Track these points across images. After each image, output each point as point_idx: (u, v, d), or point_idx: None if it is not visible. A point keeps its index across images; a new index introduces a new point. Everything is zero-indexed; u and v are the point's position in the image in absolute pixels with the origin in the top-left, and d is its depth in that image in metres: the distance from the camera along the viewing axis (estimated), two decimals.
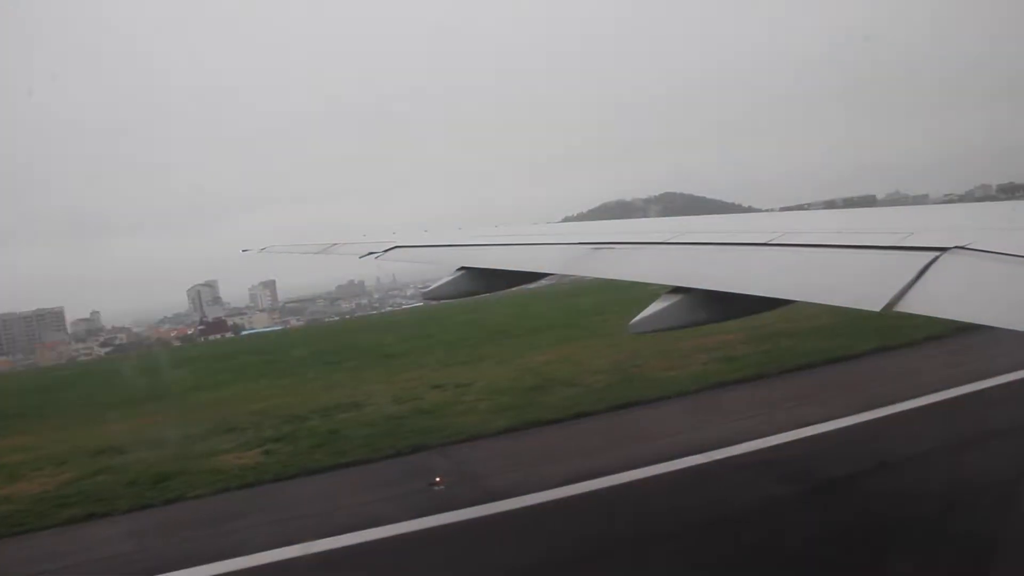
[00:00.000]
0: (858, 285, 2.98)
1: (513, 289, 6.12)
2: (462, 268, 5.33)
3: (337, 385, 15.55)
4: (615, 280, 4.40)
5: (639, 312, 3.68)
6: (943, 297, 2.55)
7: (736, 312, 3.72)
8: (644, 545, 5.81)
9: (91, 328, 74.75)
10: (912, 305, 2.50)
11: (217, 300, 78.95)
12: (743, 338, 13.94)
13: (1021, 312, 2.32)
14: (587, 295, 30.19)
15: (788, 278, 3.34)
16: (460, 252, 5.78)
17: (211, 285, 79.28)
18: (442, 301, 10.96)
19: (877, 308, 2.58)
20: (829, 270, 3.22)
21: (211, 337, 54.47)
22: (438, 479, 7.63)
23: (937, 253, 2.71)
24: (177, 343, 54.57)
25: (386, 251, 6.34)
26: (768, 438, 7.56)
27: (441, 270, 5.62)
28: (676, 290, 3.59)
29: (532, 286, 7.21)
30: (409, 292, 79.87)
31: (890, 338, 12.04)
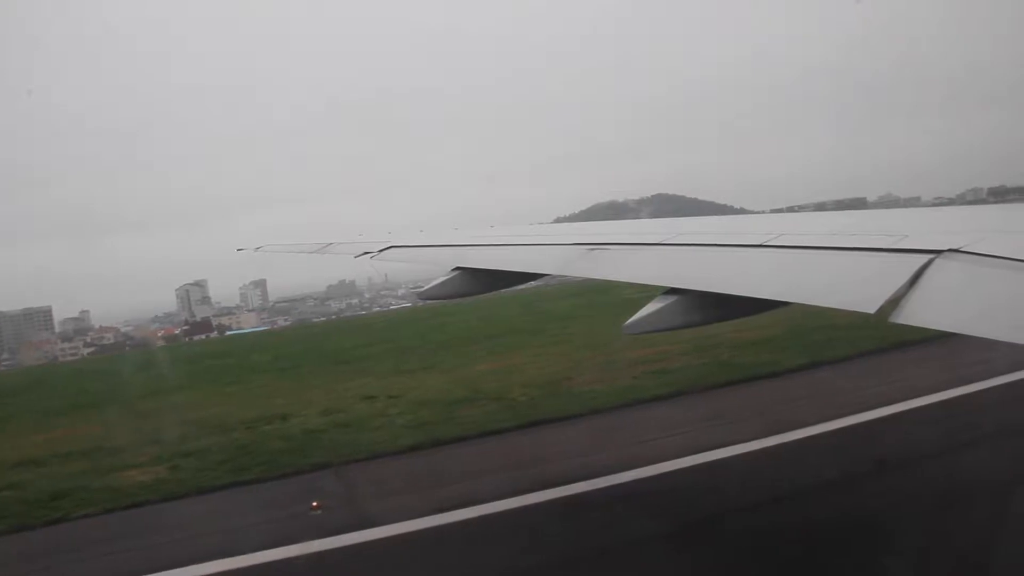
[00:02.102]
0: (852, 287, 2.97)
1: (509, 289, 6.30)
2: (457, 268, 5.30)
3: (278, 393, 15.37)
4: (610, 281, 4.43)
5: (614, 316, 3.64)
6: (937, 306, 2.51)
7: (731, 314, 3.70)
8: None
9: (79, 327, 74.61)
10: (906, 315, 2.47)
11: (206, 300, 78.83)
12: (686, 349, 13.71)
13: (1014, 323, 2.29)
14: (573, 297, 30.11)
15: (782, 280, 3.33)
16: (456, 252, 5.75)
17: (200, 285, 79.16)
18: (434, 301, 10.89)
19: (871, 310, 2.55)
20: (823, 272, 3.21)
21: (196, 338, 54.20)
22: (315, 504, 7.37)
23: (932, 256, 2.70)
24: (162, 343, 54.27)
25: (382, 251, 6.32)
26: (656, 465, 7.21)
27: (437, 270, 5.59)
28: (671, 291, 3.57)
29: (527, 286, 7.07)
30: (400, 292, 79.83)
31: (838, 351, 11.80)
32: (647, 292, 3.94)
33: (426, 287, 5.60)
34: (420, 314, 43.22)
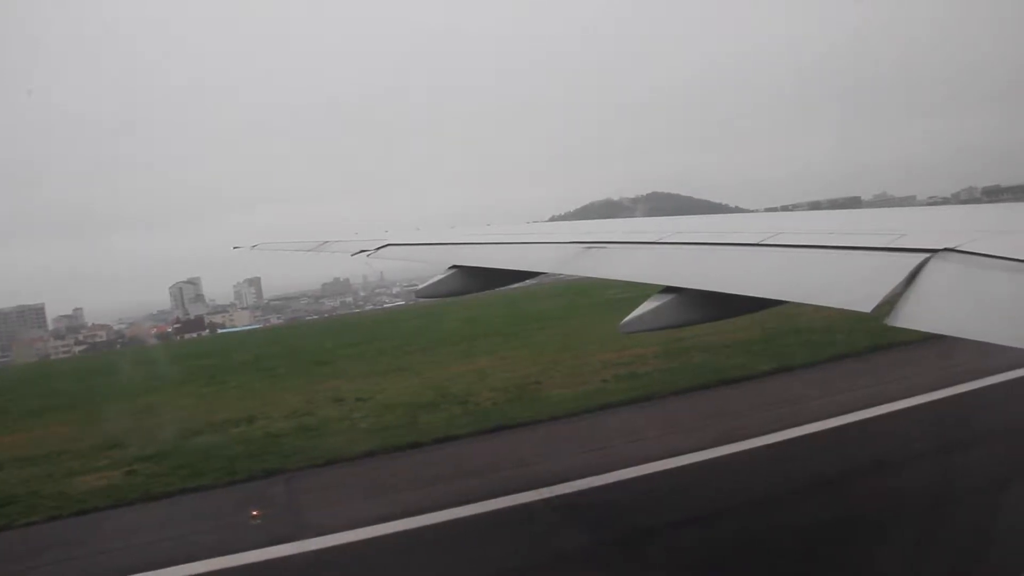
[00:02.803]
0: (848, 286, 2.95)
1: (506, 288, 5.98)
2: (454, 267, 5.27)
3: (252, 395, 15.33)
4: (606, 280, 4.36)
5: (599, 316, 3.48)
6: (932, 308, 2.47)
7: (727, 312, 3.67)
8: None
9: (72, 325, 74.36)
10: (902, 317, 2.43)
11: (199, 297, 78.54)
12: (660, 351, 13.62)
13: (1011, 326, 2.25)
14: (563, 296, 30.10)
15: (779, 279, 3.31)
16: (452, 251, 5.72)
17: (194, 282, 78.88)
18: (428, 300, 10.86)
19: (867, 309, 2.52)
20: (820, 271, 3.20)
21: (187, 336, 54.12)
22: (254, 513, 7.23)
23: (928, 255, 2.69)
24: (154, 341, 54.17)
25: (378, 249, 6.27)
26: (602, 476, 6.96)
27: (433, 268, 5.54)
28: (667, 290, 3.55)
29: (523, 285, 7.01)
30: (395, 290, 79.74)
31: (813, 355, 11.66)
32: (633, 292, 3.94)
33: (423, 285, 5.54)
34: (411, 313, 43.28)
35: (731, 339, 13.77)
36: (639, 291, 3.88)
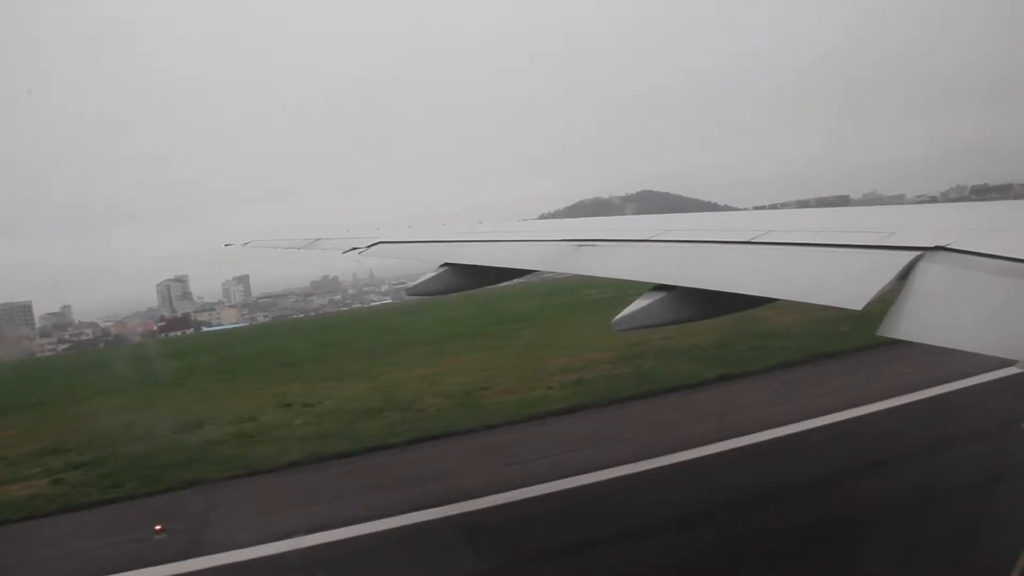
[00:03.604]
0: (840, 284, 2.95)
1: (499, 285, 5.94)
2: (445, 264, 5.25)
3: (207, 399, 15.11)
4: (598, 277, 4.36)
5: (577, 317, 3.33)
6: (923, 318, 2.43)
7: (719, 310, 3.63)
8: None
9: (59, 323, 73.95)
10: (893, 327, 2.40)
11: (187, 295, 78.17)
12: (615, 356, 13.47)
13: (1006, 336, 2.21)
14: (550, 295, 29.89)
15: (771, 277, 3.31)
16: (444, 248, 5.70)
17: (181, 280, 78.51)
18: (416, 298, 10.82)
19: (858, 307, 2.53)
20: (811, 269, 3.19)
21: (171, 334, 53.82)
22: (158, 527, 7.02)
23: (919, 253, 2.69)
24: (139, 339, 53.87)
25: (370, 247, 6.28)
26: (514, 491, 6.80)
27: (425, 266, 5.51)
28: (659, 287, 3.52)
29: (514, 283, 6.87)
30: (384, 288, 79.43)
31: (764, 361, 11.48)
32: (618, 292, 3.83)
33: (414, 283, 5.49)
34: (394, 312, 43.15)
35: (691, 343, 13.61)
36: (626, 290, 3.89)
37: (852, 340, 12.26)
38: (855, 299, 2.59)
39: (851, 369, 10.50)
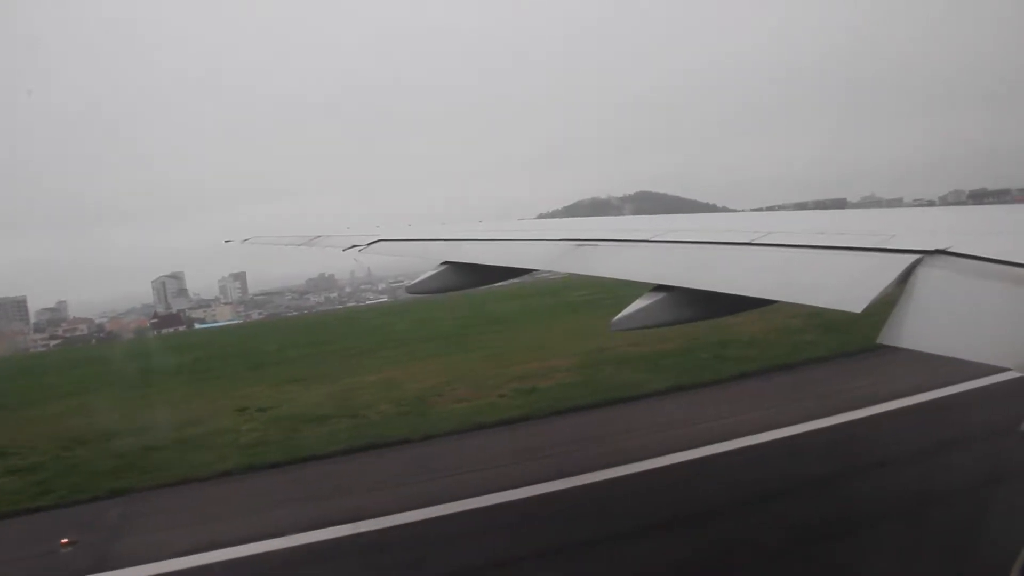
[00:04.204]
0: (839, 287, 2.92)
1: (498, 284, 5.98)
2: (446, 263, 5.25)
3: (169, 401, 14.89)
4: (598, 277, 4.30)
5: (558, 319, 3.15)
6: (924, 324, 2.40)
7: (718, 311, 3.64)
8: None
9: (53, 318, 73.86)
10: (893, 335, 2.37)
11: (182, 292, 77.97)
12: (576, 363, 13.25)
13: (1009, 344, 2.15)
14: (544, 296, 29.62)
15: (770, 279, 3.28)
16: (444, 246, 5.68)
17: (177, 277, 78.26)
18: (410, 296, 10.89)
19: (858, 310, 2.52)
20: (810, 271, 3.17)
21: (164, 331, 53.73)
22: (65, 541, 6.80)
23: (919, 256, 2.68)
24: (130, 336, 53.82)
25: (370, 244, 6.28)
26: (433, 508, 6.54)
27: (425, 264, 5.51)
28: (659, 288, 3.53)
29: (512, 282, 7.06)
30: (380, 287, 79.34)
31: (725, 371, 11.21)
32: (609, 292, 3.64)
33: (414, 281, 5.46)
34: (385, 311, 43.00)
35: (656, 349, 13.34)
36: (622, 290, 3.89)
37: (814, 351, 12.04)
38: (855, 301, 2.57)
39: (803, 382, 10.24)
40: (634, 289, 3.65)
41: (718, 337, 13.50)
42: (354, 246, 6.39)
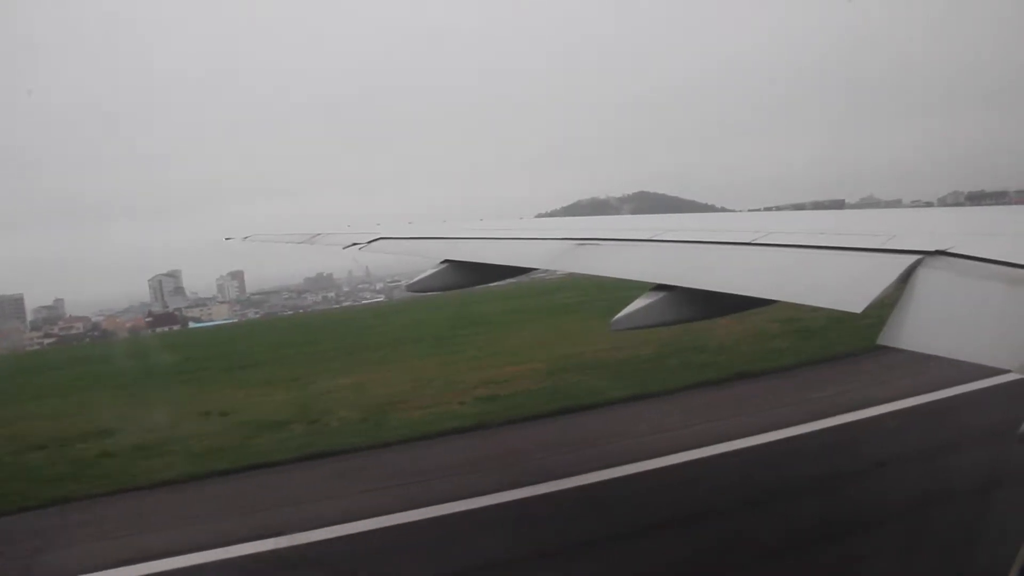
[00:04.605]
0: (839, 287, 2.95)
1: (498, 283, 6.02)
2: (446, 261, 5.25)
3: (141, 404, 14.80)
4: (599, 276, 4.32)
5: (544, 321, 3.10)
6: (924, 325, 2.39)
7: (719, 310, 3.64)
8: None
9: (50, 316, 74.01)
10: (892, 336, 2.34)
11: (179, 290, 78.06)
12: (543, 368, 13.13)
13: (1008, 345, 2.14)
14: (542, 296, 29.44)
15: (770, 279, 3.31)
16: (444, 245, 5.67)
17: (174, 275, 78.38)
18: (406, 296, 10.88)
19: (858, 310, 2.51)
20: (811, 271, 3.18)
21: (159, 330, 53.76)
22: None
23: (920, 256, 2.69)
24: (125, 335, 53.87)
25: (370, 242, 6.28)
26: (354, 523, 6.41)
27: (425, 263, 5.50)
28: (659, 287, 3.52)
29: (511, 281, 6.76)
30: (378, 286, 79.24)
31: (689, 379, 11.04)
32: (598, 295, 3.57)
33: (415, 279, 5.46)
34: (380, 311, 42.97)
35: (630, 355, 13.22)
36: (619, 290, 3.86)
37: (785, 358, 11.89)
38: (854, 302, 2.57)
39: (766, 391, 10.10)
40: (632, 291, 3.61)
41: (695, 342, 13.35)
42: (354, 244, 6.39)
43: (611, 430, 8.88)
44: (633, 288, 3.68)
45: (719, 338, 13.61)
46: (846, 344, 11.74)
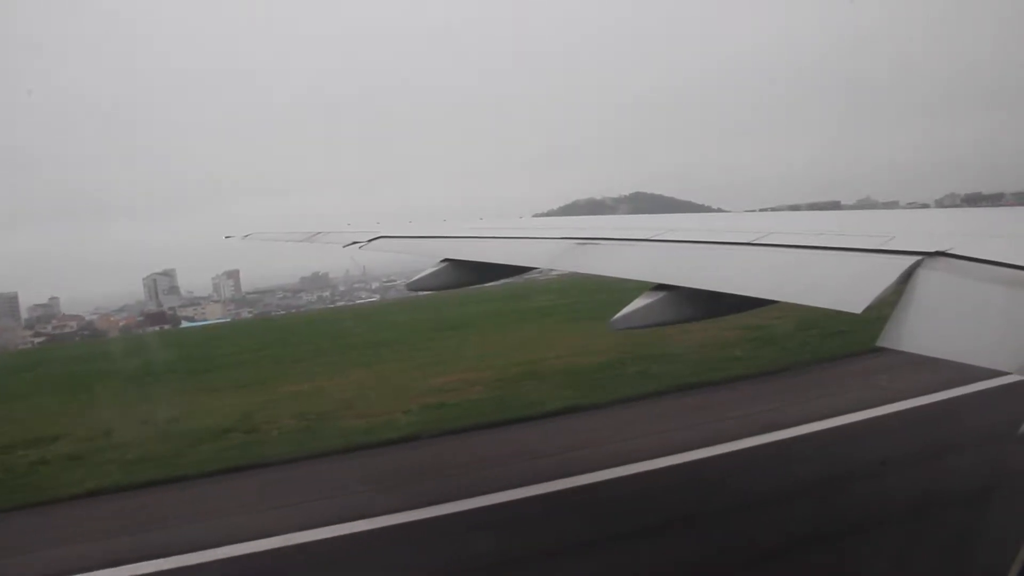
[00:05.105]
0: (839, 287, 2.94)
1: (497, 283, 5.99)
2: (446, 260, 5.26)
3: (98, 408, 14.64)
4: (599, 276, 4.28)
5: (523, 324, 2.99)
6: (924, 327, 2.37)
7: (718, 311, 3.64)
8: None
9: (45, 315, 74.04)
10: (892, 338, 2.32)
11: (174, 289, 78.03)
12: (503, 376, 12.90)
13: (1008, 347, 2.11)
14: (538, 296, 29.18)
15: (771, 279, 3.30)
16: (444, 244, 5.68)
17: (168, 274, 78.38)
18: (403, 296, 10.79)
19: (857, 310, 2.51)
20: (811, 271, 3.18)
21: (151, 329, 53.65)
22: None
23: (919, 257, 2.69)
24: (116, 334, 53.81)
25: (370, 241, 6.30)
26: (219, 548, 6.20)
27: (425, 261, 5.53)
28: (659, 287, 3.52)
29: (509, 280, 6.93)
30: (374, 286, 79.04)
31: (641, 388, 10.80)
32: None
33: (414, 278, 5.48)
34: (365, 311, 42.79)
35: (588, 362, 13.02)
36: (623, 289, 3.82)
37: (740, 367, 11.65)
38: (854, 302, 2.57)
39: (713, 403, 9.87)
40: (632, 291, 3.59)
41: (658, 350, 13.11)
42: (354, 243, 6.38)
43: (546, 445, 8.62)
44: (633, 288, 3.66)
45: (697, 342, 13.31)
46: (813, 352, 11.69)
